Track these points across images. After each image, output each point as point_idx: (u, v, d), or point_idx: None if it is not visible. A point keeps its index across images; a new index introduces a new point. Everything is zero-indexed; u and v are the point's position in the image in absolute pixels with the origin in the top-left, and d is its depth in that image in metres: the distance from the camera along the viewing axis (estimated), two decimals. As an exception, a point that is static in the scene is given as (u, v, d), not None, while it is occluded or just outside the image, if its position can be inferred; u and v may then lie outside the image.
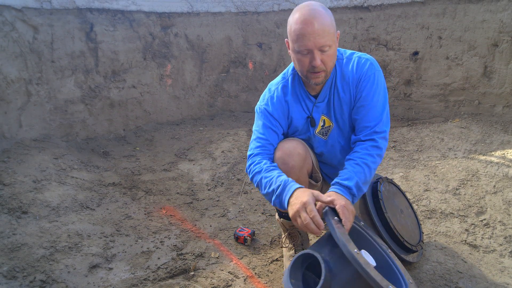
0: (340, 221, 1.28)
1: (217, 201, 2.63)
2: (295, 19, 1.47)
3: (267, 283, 1.79)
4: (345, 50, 1.66)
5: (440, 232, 2.11)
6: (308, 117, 1.66)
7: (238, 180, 2.91)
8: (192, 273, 1.85)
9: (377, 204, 1.77)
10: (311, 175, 1.73)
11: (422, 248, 1.89)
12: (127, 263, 1.92)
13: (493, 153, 2.79)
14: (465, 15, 3.71)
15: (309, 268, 1.28)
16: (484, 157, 2.75)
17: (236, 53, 4.67)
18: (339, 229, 1.21)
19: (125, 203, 2.54)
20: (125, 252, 2.01)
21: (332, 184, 1.45)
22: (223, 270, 1.87)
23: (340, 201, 1.32)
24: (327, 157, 1.74)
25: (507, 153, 2.73)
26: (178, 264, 1.90)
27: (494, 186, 2.39)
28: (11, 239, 1.95)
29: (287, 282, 1.22)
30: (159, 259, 1.96)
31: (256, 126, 1.67)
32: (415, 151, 3.13)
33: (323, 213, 1.31)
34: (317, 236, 2.00)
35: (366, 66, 1.58)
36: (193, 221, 2.37)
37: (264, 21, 4.64)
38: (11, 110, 3.03)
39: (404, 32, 4.08)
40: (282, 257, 1.98)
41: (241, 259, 1.98)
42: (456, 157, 2.85)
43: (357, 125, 1.60)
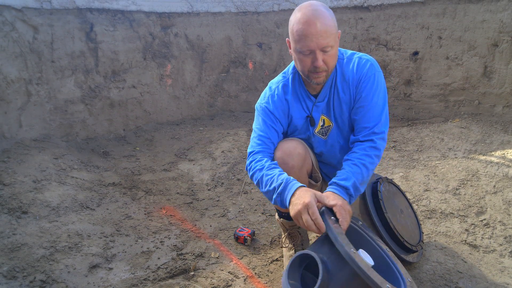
0: (337, 220, 1.28)
1: (217, 201, 2.63)
2: (298, 19, 1.46)
3: (267, 283, 1.79)
4: (345, 50, 1.66)
5: (440, 232, 2.11)
6: (307, 116, 1.66)
7: (238, 180, 2.91)
8: (192, 273, 1.85)
9: (377, 204, 1.77)
10: (310, 175, 1.73)
11: (422, 248, 1.89)
12: (127, 263, 1.92)
13: (493, 153, 2.79)
14: (465, 15, 3.71)
15: (308, 268, 1.28)
16: (484, 157, 2.75)
17: (236, 53, 4.67)
18: (336, 229, 1.21)
19: (125, 203, 2.54)
20: (125, 252, 2.01)
21: (329, 184, 1.45)
22: (223, 270, 1.87)
23: (337, 201, 1.33)
24: (326, 156, 1.74)
25: (507, 153, 2.73)
26: (178, 264, 1.90)
27: (494, 186, 2.39)
28: (11, 239, 1.95)
29: (285, 283, 1.22)
30: (159, 259, 1.96)
31: (257, 124, 1.66)
32: (415, 151, 3.13)
33: (319, 212, 1.31)
34: (317, 236, 2.00)
35: (367, 66, 1.58)
36: (193, 221, 2.37)
37: (264, 21, 4.64)
38: (11, 110, 3.03)
39: (404, 32, 4.08)
40: (282, 257, 1.98)
41: (241, 259, 1.98)
42: (456, 157, 2.85)
43: (356, 125, 1.60)
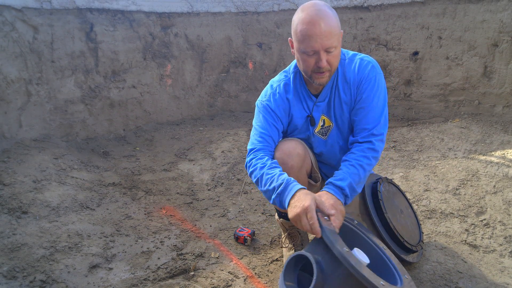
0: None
1: (217, 201, 2.63)
2: (301, 19, 1.44)
3: (267, 283, 1.79)
4: (347, 51, 1.66)
5: (440, 232, 2.11)
6: (308, 116, 1.66)
7: (238, 180, 2.91)
8: (192, 273, 1.85)
9: (377, 204, 1.76)
10: (310, 175, 1.73)
11: (422, 248, 1.89)
12: (127, 263, 1.92)
13: (493, 153, 2.79)
14: (465, 15, 3.71)
15: (305, 269, 1.28)
16: (484, 157, 2.75)
17: (236, 53, 4.67)
18: (330, 229, 1.21)
19: (125, 203, 2.54)
20: (125, 252, 2.01)
21: (326, 183, 1.46)
22: (223, 270, 1.87)
23: (329, 200, 1.34)
24: (326, 157, 1.74)
25: (507, 153, 2.73)
26: (178, 264, 1.90)
27: (494, 186, 2.39)
28: (11, 239, 1.95)
29: (282, 284, 1.22)
30: (159, 259, 1.96)
31: (258, 121, 1.65)
32: (415, 151, 3.13)
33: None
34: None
35: (368, 68, 1.58)
36: (193, 221, 2.37)
37: (264, 21, 4.64)
38: (11, 110, 3.03)
39: (404, 32, 4.08)
40: (282, 257, 1.98)
41: (241, 259, 1.98)
42: (456, 157, 2.85)
43: (355, 126, 1.60)
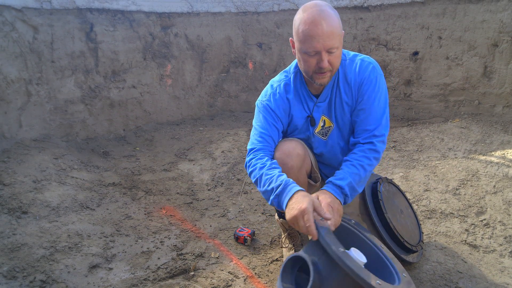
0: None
1: (217, 201, 2.63)
2: (303, 19, 1.43)
3: (267, 283, 1.79)
4: (348, 52, 1.66)
5: (440, 232, 2.11)
6: (308, 116, 1.66)
7: (238, 180, 2.91)
8: (192, 273, 1.85)
9: (377, 204, 1.77)
10: (310, 175, 1.73)
11: (422, 248, 1.89)
12: (127, 263, 1.92)
13: (493, 153, 2.79)
14: (465, 15, 3.71)
15: (303, 270, 1.28)
16: (484, 157, 2.75)
17: (236, 53, 4.67)
18: (325, 230, 1.21)
19: (125, 203, 2.54)
20: (125, 252, 2.01)
21: (326, 182, 1.47)
22: (223, 270, 1.87)
23: (326, 199, 1.34)
24: (326, 157, 1.74)
25: (507, 153, 2.73)
26: (178, 264, 1.90)
27: (494, 186, 2.39)
28: (11, 239, 1.95)
29: (279, 286, 1.23)
30: (159, 259, 1.96)
31: (258, 121, 1.65)
32: (415, 151, 3.13)
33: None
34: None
35: (369, 69, 1.58)
36: (193, 221, 2.37)
37: (264, 21, 4.64)
38: (11, 110, 3.03)
39: (404, 32, 4.08)
40: (282, 257, 1.98)
41: (241, 259, 1.98)
42: (456, 157, 2.85)
43: (356, 127, 1.60)
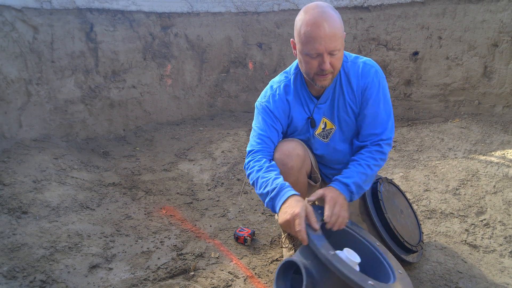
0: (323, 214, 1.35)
1: (217, 201, 2.63)
2: (305, 21, 1.42)
3: (267, 283, 1.79)
4: (349, 54, 1.65)
5: (440, 232, 2.11)
6: (308, 118, 1.66)
7: (238, 180, 2.91)
8: (192, 273, 1.85)
9: (377, 204, 1.77)
10: (310, 175, 1.73)
11: (422, 248, 1.89)
12: (127, 263, 1.92)
13: (493, 153, 2.79)
14: (465, 15, 3.71)
15: (299, 272, 1.28)
16: (484, 157, 2.75)
17: (236, 53, 4.67)
18: (315, 235, 1.21)
19: (125, 203, 2.54)
20: (125, 252, 2.01)
21: (332, 180, 1.52)
22: (223, 270, 1.87)
23: (330, 193, 1.39)
24: (327, 159, 1.73)
25: (507, 153, 2.73)
26: (178, 264, 1.90)
27: (494, 186, 2.39)
28: (11, 239, 1.95)
29: None
30: (159, 259, 1.96)
31: (257, 123, 1.65)
32: (415, 151, 3.13)
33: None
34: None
35: (372, 73, 1.58)
36: (193, 221, 2.37)
37: (264, 21, 4.64)
38: (11, 110, 3.03)
39: (404, 32, 4.08)
40: (282, 257, 1.98)
41: (241, 259, 1.98)
42: (456, 157, 2.85)
43: (363, 131, 1.61)
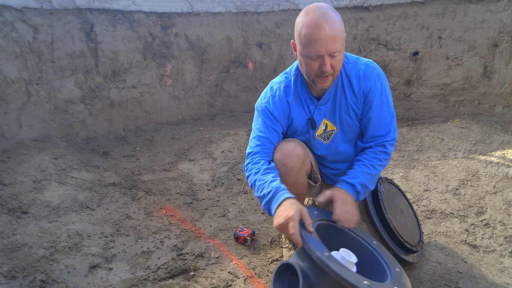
0: (320, 214, 1.39)
1: (217, 201, 2.63)
2: (306, 23, 1.41)
3: (267, 283, 1.79)
4: (350, 55, 1.64)
5: (440, 232, 2.11)
6: (309, 119, 1.65)
7: (238, 180, 2.91)
8: (192, 273, 1.85)
9: (377, 204, 1.76)
10: (310, 176, 1.73)
11: (422, 248, 1.89)
12: (127, 263, 1.92)
13: (493, 153, 2.79)
14: (465, 15, 3.71)
15: (297, 274, 1.29)
16: (484, 157, 2.75)
17: (236, 53, 4.67)
18: (309, 237, 1.22)
19: (125, 203, 2.54)
20: (125, 252, 2.01)
21: (338, 181, 1.55)
22: (223, 270, 1.87)
23: (339, 193, 1.45)
24: (329, 160, 1.73)
25: (507, 153, 2.73)
26: (178, 264, 1.90)
27: (494, 186, 2.39)
28: (11, 239, 1.95)
29: None
30: (159, 259, 1.96)
31: (256, 124, 1.65)
32: (415, 151, 3.13)
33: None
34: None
35: (374, 76, 1.58)
36: (193, 221, 2.37)
37: (264, 21, 4.64)
38: (11, 110, 3.03)
39: (404, 32, 4.08)
40: (282, 257, 1.98)
41: (241, 259, 1.98)
42: (456, 157, 2.85)
43: (367, 133, 1.63)
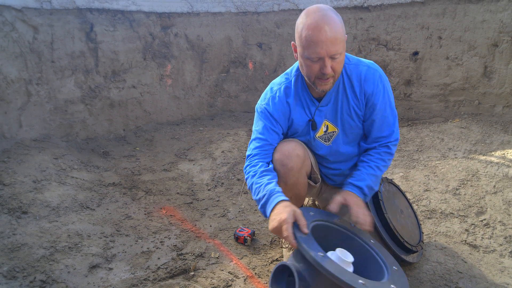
0: (316, 215, 1.40)
1: (217, 201, 2.63)
2: (307, 25, 1.41)
3: (267, 283, 1.79)
4: (352, 56, 1.64)
5: (440, 232, 2.11)
6: (309, 120, 1.65)
7: (238, 180, 2.91)
8: (192, 273, 1.85)
9: (377, 204, 1.77)
10: (310, 176, 1.73)
11: (422, 248, 1.89)
12: (127, 263, 1.92)
13: (493, 153, 2.79)
14: (465, 15, 3.71)
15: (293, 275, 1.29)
16: (484, 157, 2.75)
17: (236, 53, 4.67)
18: (303, 238, 1.22)
19: (125, 203, 2.54)
20: (125, 252, 2.01)
21: (345, 183, 1.57)
22: (223, 270, 1.87)
23: (352, 198, 1.47)
24: (330, 160, 1.73)
25: (507, 153, 2.73)
26: (178, 264, 1.90)
27: (494, 186, 2.39)
28: (11, 239, 1.95)
29: None
30: (159, 259, 1.96)
31: (256, 126, 1.66)
32: (415, 151, 3.13)
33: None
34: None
35: (376, 78, 1.58)
36: (193, 221, 2.37)
37: (264, 21, 4.64)
38: (11, 110, 3.03)
39: (404, 32, 4.08)
40: (282, 257, 1.98)
41: (241, 259, 1.98)
42: (456, 157, 2.85)
43: (371, 135, 1.65)
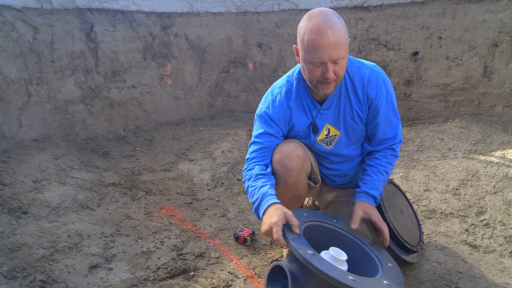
0: (310, 216, 1.40)
1: (217, 201, 2.63)
2: (309, 29, 1.39)
3: (267, 283, 1.79)
4: (354, 59, 1.63)
5: (440, 232, 2.11)
6: (311, 123, 1.64)
7: (238, 180, 2.91)
8: (192, 273, 1.85)
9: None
10: (310, 176, 1.73)
11: (422, 248, 1.89)
12: (127, 263, 1.92)
13: (493, 153, 2.79)
14: (465, 15, 3.71)
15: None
16: (484, 157, 2.75)
17: (236, 53, 4.67)
18: (294, 238, 1.22)
19: (125, 203, 2.54)
20: (125, 252, 2.01)
21: (358, 191, 1.57)
22: (223, 270, 1.87)
23: (374, 212, 1.50)
24: (331, 161, 1.73)
25: (507, 153, 2.73)
26: (178, 264, 1.91)
27: (494, 186, 2.39)
28: (11, 239, 1.95)
29: None
30: (159, 259, 1.96)
31: (255, 130, 1.67)
32: (415, 151, 3.13)
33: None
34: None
35: (380, 81, 1.57)
36: (193, 221, 2.37)
37: (264, 21, 4.64)
38: (11, 110, 3.03)
39: (404, 32, 4.08)
40: (282, 257, 1.98)
41: (241, 259, 1.98)
42: (456, 157, 2.85)
43: (375, 138, 1.65)
